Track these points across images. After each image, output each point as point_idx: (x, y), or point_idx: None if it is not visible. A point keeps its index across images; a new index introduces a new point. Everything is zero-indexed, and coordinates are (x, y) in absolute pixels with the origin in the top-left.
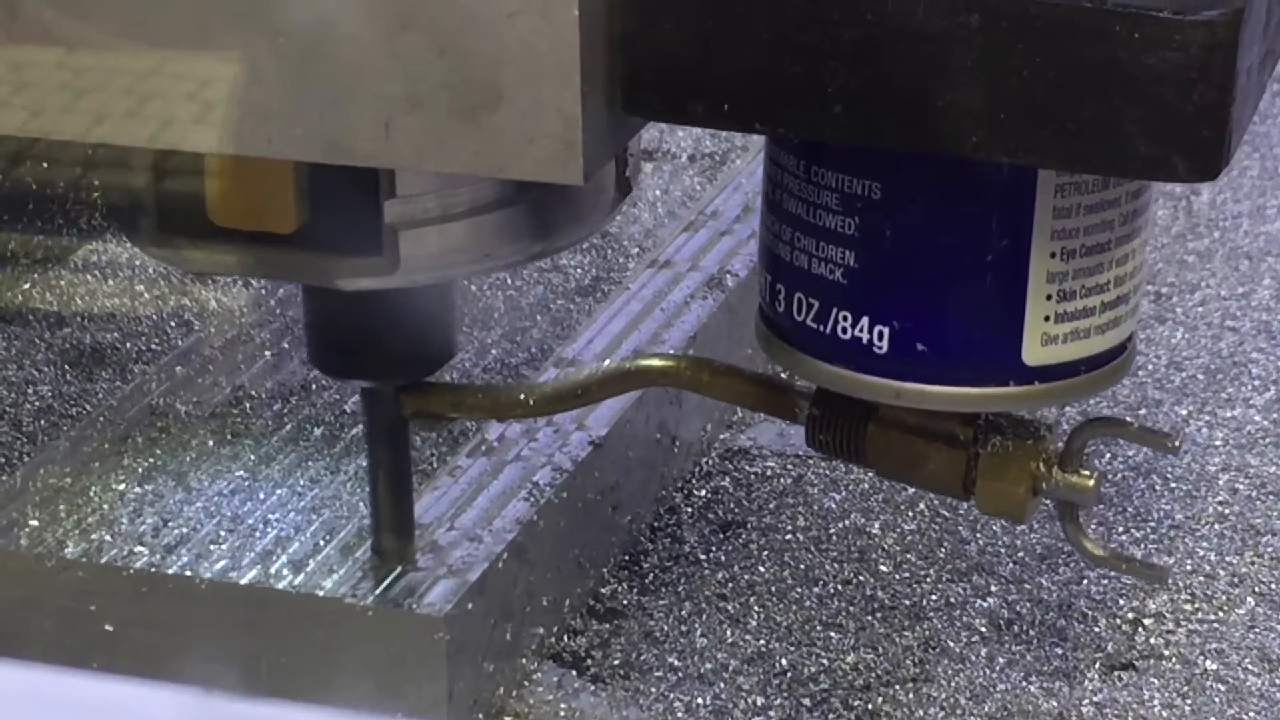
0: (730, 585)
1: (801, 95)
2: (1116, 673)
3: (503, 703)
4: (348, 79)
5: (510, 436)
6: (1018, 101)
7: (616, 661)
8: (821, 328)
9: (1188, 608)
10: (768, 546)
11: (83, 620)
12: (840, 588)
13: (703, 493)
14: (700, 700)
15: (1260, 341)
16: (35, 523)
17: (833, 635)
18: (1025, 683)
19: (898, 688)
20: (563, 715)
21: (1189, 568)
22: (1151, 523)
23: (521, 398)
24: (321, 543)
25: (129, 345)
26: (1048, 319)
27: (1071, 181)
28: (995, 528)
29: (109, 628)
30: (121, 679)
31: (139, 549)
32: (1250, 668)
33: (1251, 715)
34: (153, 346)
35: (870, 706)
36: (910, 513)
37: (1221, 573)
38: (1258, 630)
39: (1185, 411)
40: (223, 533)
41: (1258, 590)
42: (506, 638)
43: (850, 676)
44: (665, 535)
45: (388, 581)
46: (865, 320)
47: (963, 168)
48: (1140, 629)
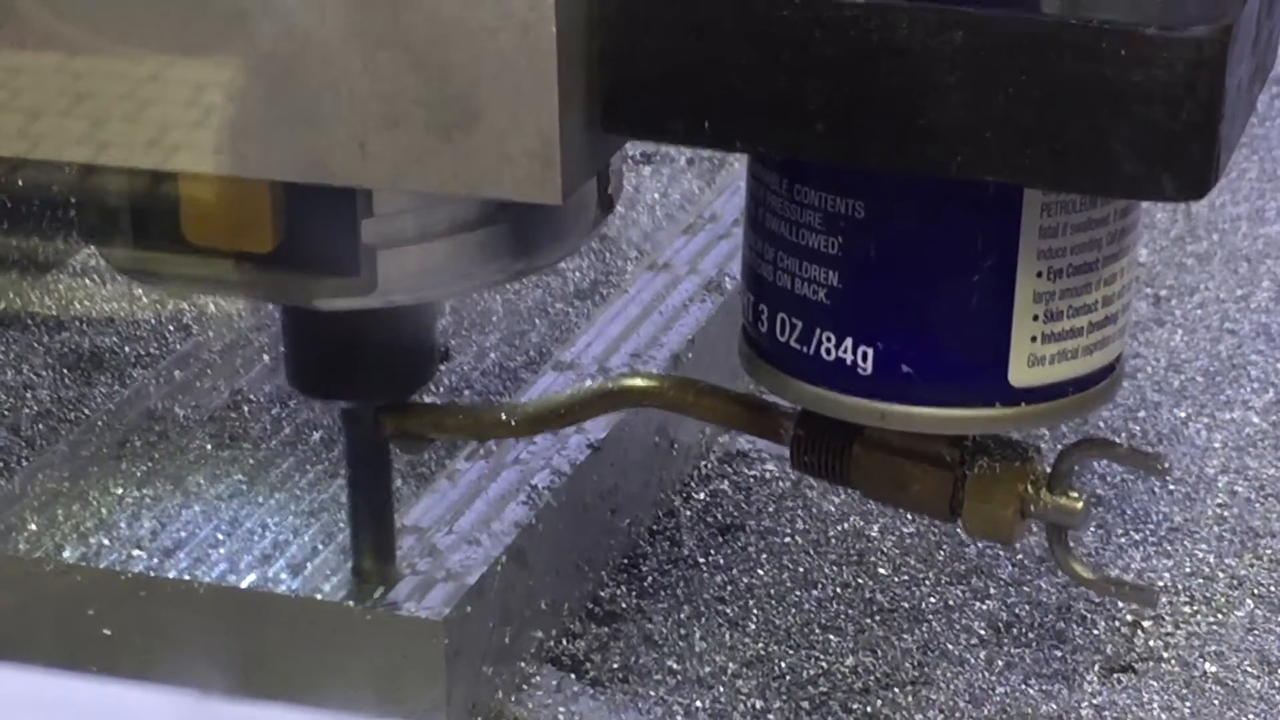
0: (729, 588)
1: (783, 113)
2: (1116, 675)
3: (502, 706)
4: (323, 97)
5: (508, 440)
6: (1002, 120)
7: (615, 665)
8: (805, 349)
9: (1187, 610)
10: (767, 549)
11: (81, 624)
12: (839, 591)
13: (701, 496)
14: (699, 703)
15: (1259, 344)
16: (34, 527)
17: (832, 638)
18: (1024, 685)
19: (897, 691)
20: (562, 719)
21: (1188, 570)
22: (1150, 525)
23: (503, 418)
24: (320, 546)
25: (127, 349)
26: (1034, 339)
27: (1058, 200)
28: None
29: (107, 632)
30: (119, 682)
31: (137, 553)
32: (1249, 670)
33: (1251, 718)
34: (151, 350)
35: (869, 709)
36: (909, 516)
37: (1220, 575)
38: (1257, 632)
39: (1184, 414)
40: (221, 536)
41: (1256, 592)
42: (505, 641)
43: (849, 679)
44: (664, 538)
45: (386, 585)
46: (849, 341)
47: (947, 186)
48: (1139, 631)
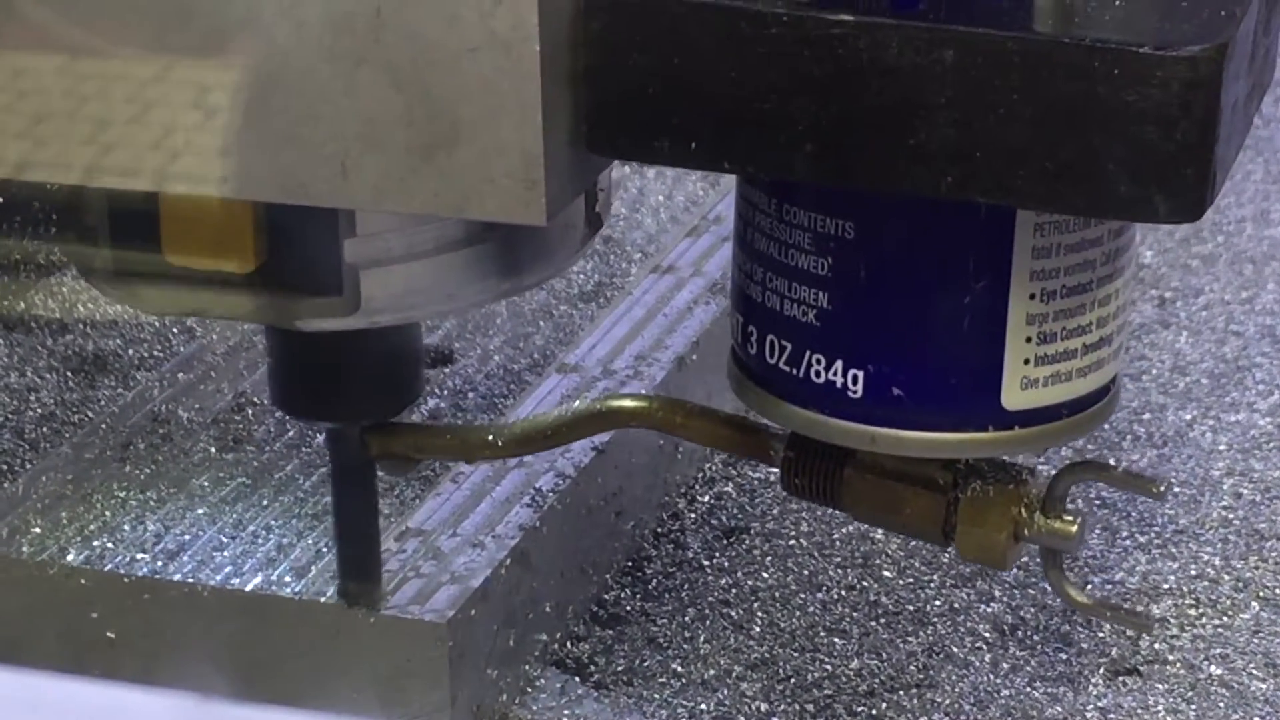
0: (734, 591)
1: (770, 133)
2: (1121, 678)
3: (506, 709)
4: (302, 117)
5: None
6: (994, 140)
7: (620, 668)
8: (794, 371)
9: (1192, 613)
10: (771, 552)
11: (84, 627)
12: (844, 593)
13: (706, 498)
14: (704, 706)
15: (1264, 346)
16: (37, 530)
17: (836, 641)
18: (1029, 688)
19: (902, 693)
20: None
21: (1193, 572)
22: (1156, 527)
23: (490, 439)
24: (324, 549)
25: (131, 352)
26: (1027, 362)
27: (1051, 220)
28: None
29: (111, 635)
30: (122, 686)
31: (141, 556)
32: (1255, 673)
33: None
34: (155, 353)
35: (874, 712)
36: None
37: (1226, 577)
38: (1262, 635)
39: (1189, 416)
40: (225, 539)
41: (1262, 595)
42: (509, 644)
43: (854, 682)
44: (669, 541)
45: (390, 588)
46: (839, 364)
47: (939, 206)
48: (1144, 634)
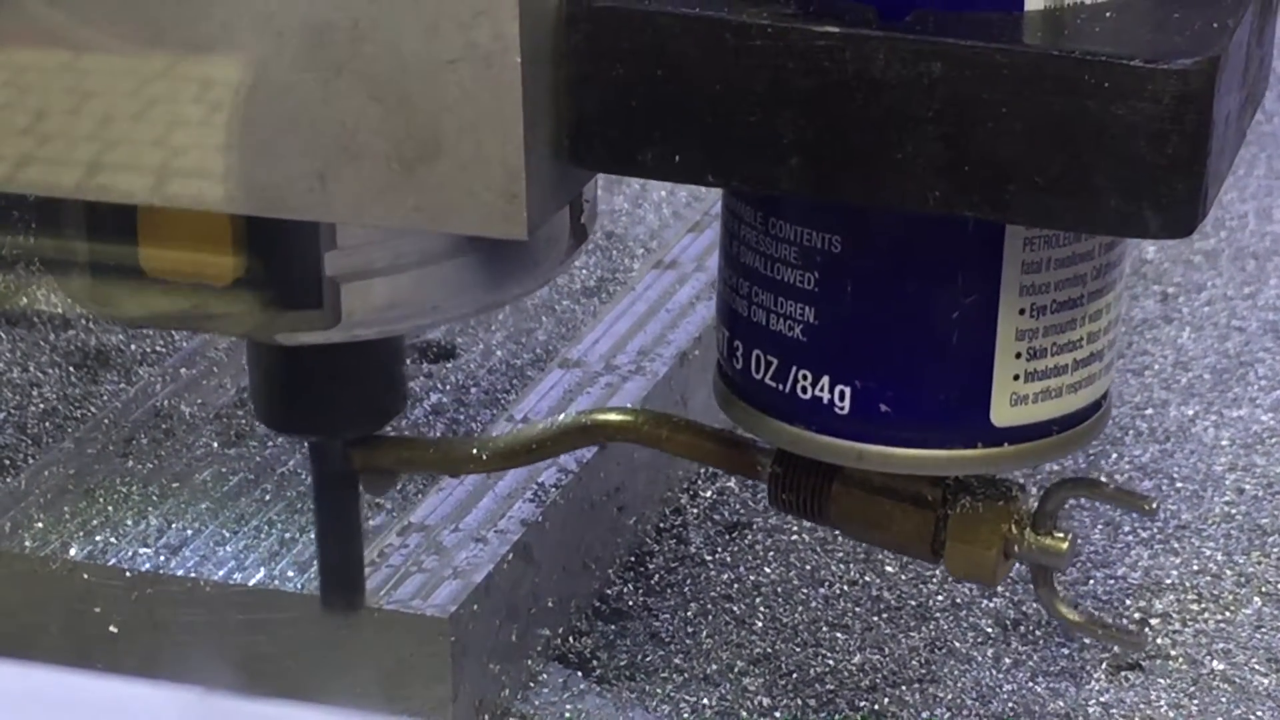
0: (736, 586)
1: (755, 147)
2: (1123, 673)
3: (508, 704)
4: (280, 129)
5: None
6: (982, 154)
7: (622, 663)
8: (781, 387)
9: (1194, 608)
10: (773, 547)
11: (87, 622)
12: (846, 588)
13: (708, 494)
14: (706, 701)
15: (1267, 341)
16: (40, 524)
17: (839, 636)
18: (1032, 683)
19: (904, 688)
20: (568, 716)
21: (1195, 568)
22: (1158, 523)
23: (474, 452)
24: None
25: (133, 347)
26: (1017, 378)
27: (1041, 235)
28: None
29: (113, 629)
30: (124, 680)
31: (143, 550)
32: (1257, 668)
33: (1258, 715)
34: (157, 348)
35: (876, 707)
36: None
37: (1228, 573)
38: (1265, 630)
39: (1192, 411)
40: (227, 534)
41: (1264, 590)
42: (512, 639)
43: (856, 677)
44: (671, 536)
45: (393, 583)
46: (826, 379)
47: (927, 220)
48: (1147, 629)
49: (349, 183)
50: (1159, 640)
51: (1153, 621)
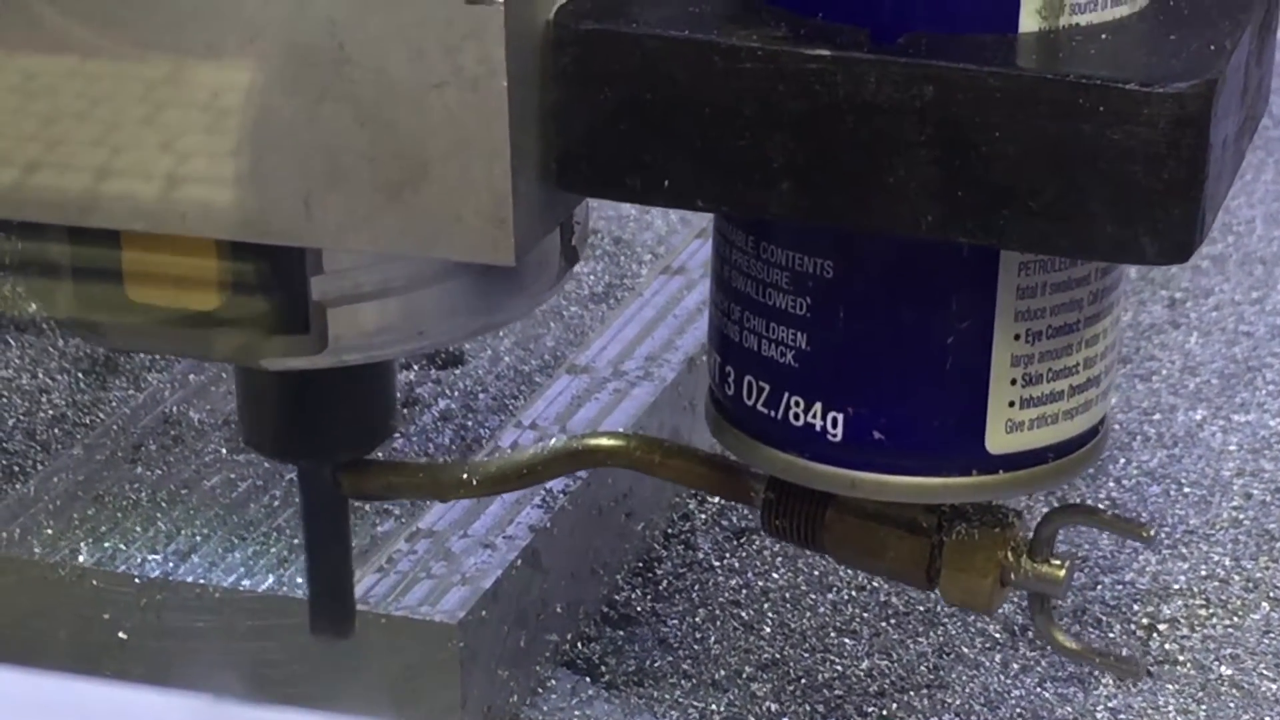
0: (744, 592)
1: (745, 171)
2: (1131, 678)
3: (517, 710)
4: (265, 153)
5: (524, 443)
6: (975, 179)
7: (631, 668)
8: (773, 413)
9: (1202, 613)
10: (781, 553)
11: (96, 628)
12: (854, 594)
13: (716, 500)
14: (714, 707)
15: (1275, 346)
16: (49, 531)
17: (847, 641)
18: (1040, 688)
19: (912, 694)
20: None
21: (1203, 573)
22: (1166, 528)
23: (464, 477)
24: None
25: (142, 354)
26: (1012, 404)
27: (1036, 260)
28: None
29: (122, 635)
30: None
31: (152, 557)
32: (1265, 673)
33: None
34: (166, 355)
35: (885, 713)
36: None
37: (1236, 578)
38: (1273, 635)
39: (1200, 416)
40: (236, 540)
41: (1273, 595)
42: (520, 645)
43: (864, 683)
44: (679, 542)
45: (401, 589)
46: (818, 406)
47: (920, 245)
48: (1155, 634)
49: (334, 207)
50: (1167, 645)
51: (1160, 627)
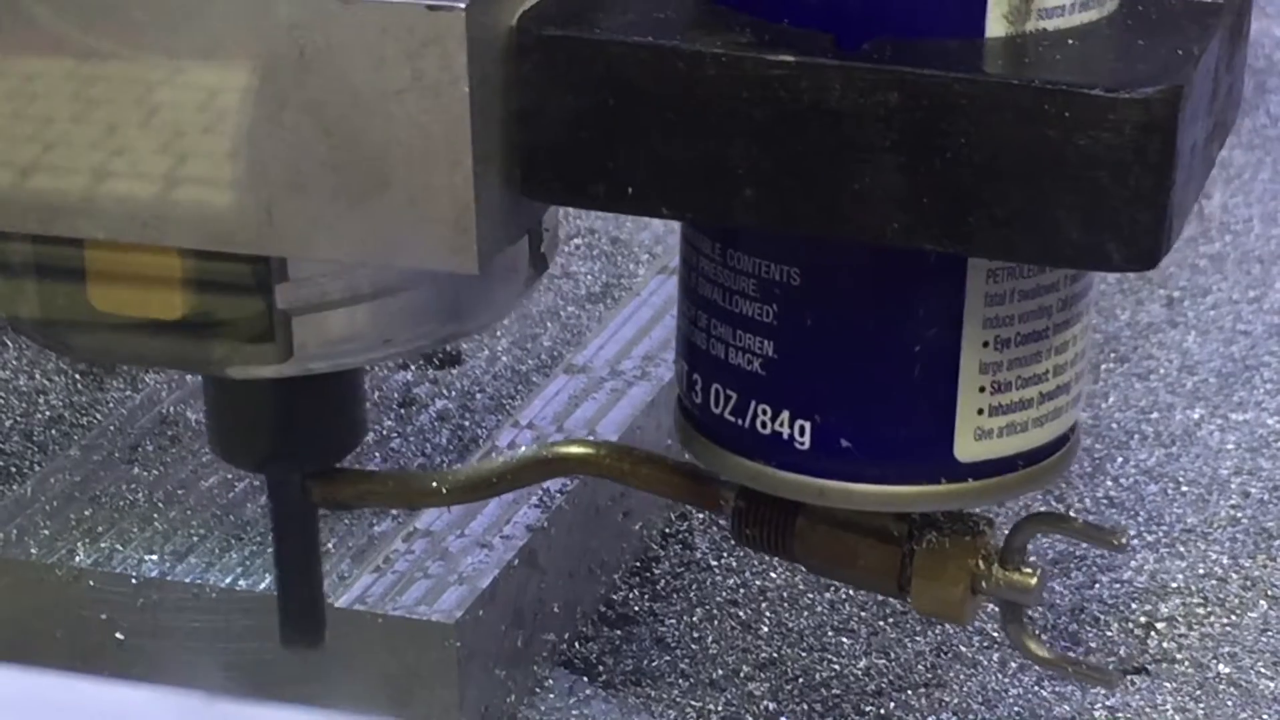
0: (742, 591)
1: (710, 178)
2: (1129, 677)
3: (514, 709)
4: (225, 161)
5: (521, 443)
6: (940, 185)
7: (628, 668)
8: (740, 421)
9: (1200, 611)
10: None
11: (93, 628)
12: (851, 593)
13: None
14: (712, 706)
15: (1272, 345)
16: (46, 531)
17: (845, 641)
18: (1038, 687)
19: (910, 693)
20: None
21: (1201, 572)
22: (1164, 526)
23: (434, 485)
24: (331, 549)
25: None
26: (981, 412)
27: (1004, 267)
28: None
29: (119, 636)
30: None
31: (149, 557)
32: (1263, 671)
33: (1265, 718)
34: None
35: (883, 712)
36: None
37: (1234, 576)
38: (1270, 633)
39: (1197, 415)
40: (232, 540)
41: (1270, 593)
42: (518, 644)
43: (862, 682)
44: (676, 541)
45: (398, 589)
46: (786, 414)
47: (887, 252)
48: (1153, 633)
49: (296, 216)
50: (1165, 644)
51: (1159, 625)
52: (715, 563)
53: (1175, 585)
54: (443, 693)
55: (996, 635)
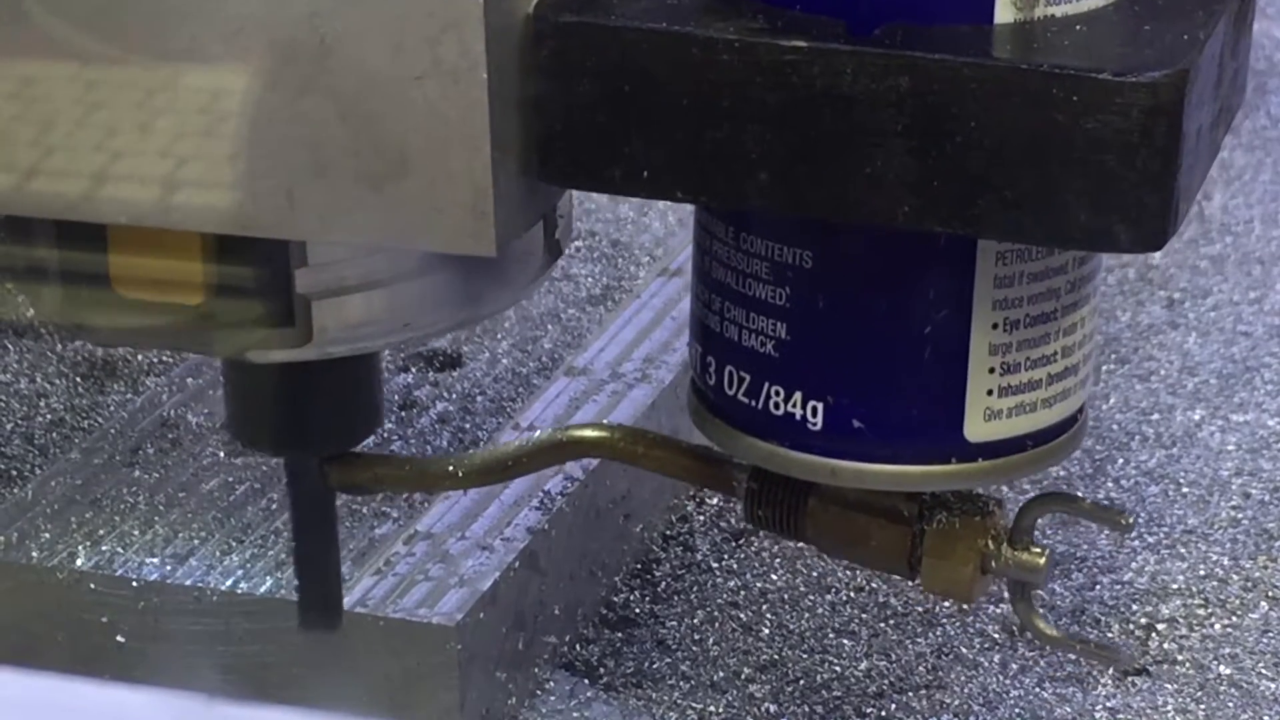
0: (743, 593)
1: (724, 162)
2: (1130, 678)
3: (515, 712)
4: (247, 147)
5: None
6: (951, 169)
7: (629, 670)
8: (753, 403)
9: (1201, 613)
10: (780, 554)
11: (94, 632)
12: (853, 595)
13: (714, 501)
14: (713, 708)
15: (1273, 346)
16: (47, 534)
17: (845, 642)
18: (1039, 689)
19: (911, 694)
20: None
21: (1202, 573)
22: (1165, 528)
23: (450, 469)
24: None
25: (140, 357)
26: (991, 393)
27: (1014, 248)
28: None
29: (120, 639)
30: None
31: (150, 560)
32: (1264, 672)
33: None
34: (164, 358)
35: (883, 713)
36: None
37: (1235, 577)
38: (1271, 634)
39: (1198, 416)
40: (234, 544)
41: (1271, 595)
42: (519, 647)
43: (863, 684)
44: (677, 544)
45: (399, 591)
46: (798, 395)
47: (898, 235)
48: (1154, 634)
49: (317, 200)
50: (1166, 645)
51: (1160, 627)
52: (716, 565)
53: (1176, 586)
54: (443, 695)
55: (997, 637)
